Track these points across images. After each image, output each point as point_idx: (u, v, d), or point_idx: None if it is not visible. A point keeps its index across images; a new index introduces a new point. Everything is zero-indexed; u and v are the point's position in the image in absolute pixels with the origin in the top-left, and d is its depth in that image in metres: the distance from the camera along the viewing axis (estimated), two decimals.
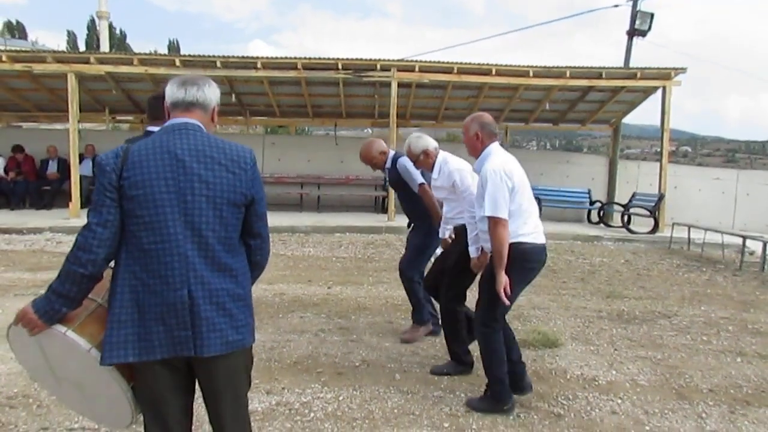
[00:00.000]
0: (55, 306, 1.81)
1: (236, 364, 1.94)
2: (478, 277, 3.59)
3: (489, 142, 3.42)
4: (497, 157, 3.35)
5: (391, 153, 4.58)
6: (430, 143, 4.20)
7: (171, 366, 1.88)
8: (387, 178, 4.77)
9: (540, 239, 3.35)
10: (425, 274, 4.51)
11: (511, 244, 3.19)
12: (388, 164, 4.56)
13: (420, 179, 4.40)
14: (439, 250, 4.35)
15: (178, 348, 1.80)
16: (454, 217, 4.10)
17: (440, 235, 4.28)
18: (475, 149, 3.47)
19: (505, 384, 3.35)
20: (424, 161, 4.19)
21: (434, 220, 4.35)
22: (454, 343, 3.97)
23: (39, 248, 8.08)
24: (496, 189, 3.19)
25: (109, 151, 1.88)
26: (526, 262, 3.27)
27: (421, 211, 4.47)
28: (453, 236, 4.12)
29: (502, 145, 3.51)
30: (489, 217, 3.19)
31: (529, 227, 3.30)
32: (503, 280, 3.15)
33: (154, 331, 1.79)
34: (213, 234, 1.84)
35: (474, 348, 3.79)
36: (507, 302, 3.17)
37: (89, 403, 2.08)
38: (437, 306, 4.35)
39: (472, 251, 3.66)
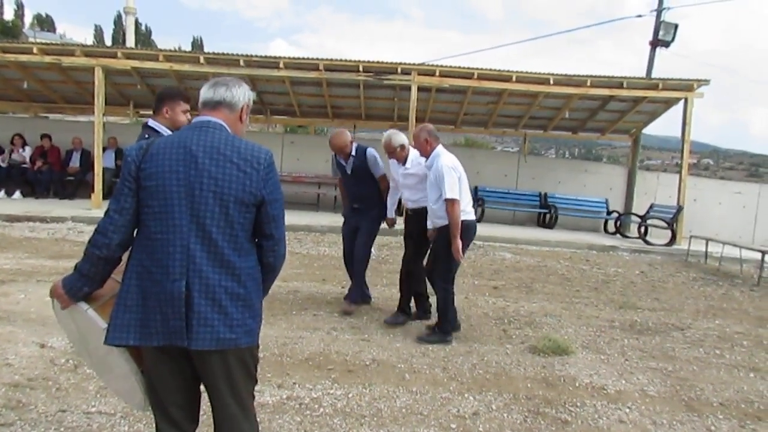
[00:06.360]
0: (77, 284, 1.97)
1: (232, 362, 1.93)
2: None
3: (435, 145, 4.61)
4: (446, 155, 4.56)
5: (355, 144, 5.25)
6: (405, 139, 5.02)
7: (170, 354, 1.92)
8: (351, 166, 5.25)
9: (473, 216, 4.64)
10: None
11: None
12: (353, 152, 5.19)
13: (384, 169, 5.30)
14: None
15: (172, 337, 1.84)
16: (417, 200, 4.98)
17: (388, 215, 5.38)
18: (425, 151, 4.63)
19: (452, 323, 4.67)
20: (400, 153, 4.97)
21: (382, 203, 5.33)
22: (407, 296, 5.09)
23: (61, 237, 8.25)
24: (451, 178, 4.40)
25: (136, 143, 1.98)
26: (466, 231, 4.50)
27: (371, 196, 5.30)
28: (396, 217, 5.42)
29: (519, 151, 3.82)
30: (448, 199, 4.36)
31: (468, 208, 4.57)
32: (459, 244, 4.40)
33: (152, 318, 1.85)
34: (217, 230, 1.87)
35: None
36: (461, 260, 4.52)
37: (112, 378, 2.18)
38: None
39: (430, 224, 4.80)
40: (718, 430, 3.35)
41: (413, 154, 4.96)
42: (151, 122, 3.28)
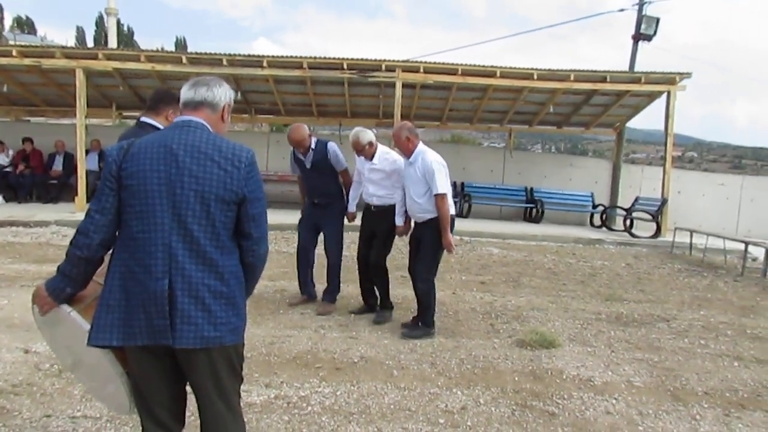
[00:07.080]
0: (60, 285, 1.96)
1: (218, 360, 1.92)
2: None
3: (417, 142, 4.60)
4: (431, 152, 4.57)
5: (314, 138, 5.21)
6: (373, 136, 5.03)
7: (155, 353, 1.91)
8: (311, 160, 5.19)
9: (454, 210, 4.63)
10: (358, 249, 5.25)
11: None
12: (313, 146, 5.14)
13: (345, 163, 5.25)
14: None
15: (156, 336, 1.83)
16: (382, 196, 4.98)
17: (349, 209, 5.34)
18: (407, 149, 4.59)
19: (433, 315, 4.65)
20: (368, 150, 4.96)
21: (343, 199, 5.33)
22: (384, 292, 5.08)
23: (45, 241, 8.16)
24: (442, 174, 4.44)
25: (117, 144, 1.97)
26: (451, 224, 4.54)
27: (333, 192, 5.29)
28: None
29: (505, 147, 3.84)
30: (440, 194, 4.40)
31: (452, 202, 4.58)
32: (451, 237, 4.47)
33: (136, 317, 1.84)
34: (199, 228, 1.87)
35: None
36: (453, 251, 4.58)
37: (96, 383, 2.16)
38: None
39: (399, 221, 4.88)
40: (703, 419, 3.39)
41: (381, 150, 5.01)
42: (149, 119, 3.06)
